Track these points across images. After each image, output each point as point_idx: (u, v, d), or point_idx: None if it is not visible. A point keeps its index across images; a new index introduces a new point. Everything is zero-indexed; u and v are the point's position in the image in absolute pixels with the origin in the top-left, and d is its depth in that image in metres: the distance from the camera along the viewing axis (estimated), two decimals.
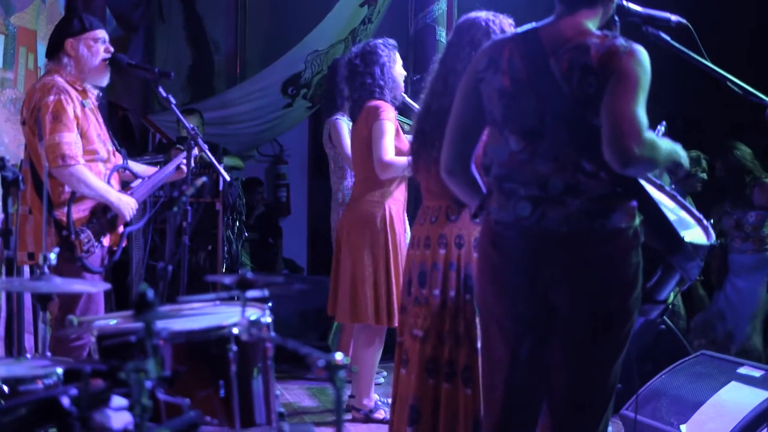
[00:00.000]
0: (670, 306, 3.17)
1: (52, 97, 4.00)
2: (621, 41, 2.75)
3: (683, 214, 3.27)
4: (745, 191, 6.23)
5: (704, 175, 6.41)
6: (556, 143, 2.78)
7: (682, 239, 2.88)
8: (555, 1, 2.90)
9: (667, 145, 2.78)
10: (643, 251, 2.86)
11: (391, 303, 4.69)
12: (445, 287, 3.81)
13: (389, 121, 4.66)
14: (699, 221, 3.28)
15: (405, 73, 4.89)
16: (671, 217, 3.13)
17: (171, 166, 4.43)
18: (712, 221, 3.33)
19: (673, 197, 3.30)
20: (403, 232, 4.81)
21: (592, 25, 2.84)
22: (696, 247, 2.96)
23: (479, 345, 3.70)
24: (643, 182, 3.02)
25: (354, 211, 4.87)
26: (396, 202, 4.80)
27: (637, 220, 2.81)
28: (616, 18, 2.90)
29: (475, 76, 2.95)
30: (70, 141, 4.00)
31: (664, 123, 3.30)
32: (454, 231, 3.83)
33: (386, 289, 4.72)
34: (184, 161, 4.40)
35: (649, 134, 2.66)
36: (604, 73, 2.70)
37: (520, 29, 2.99)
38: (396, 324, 4.60)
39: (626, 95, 2.66)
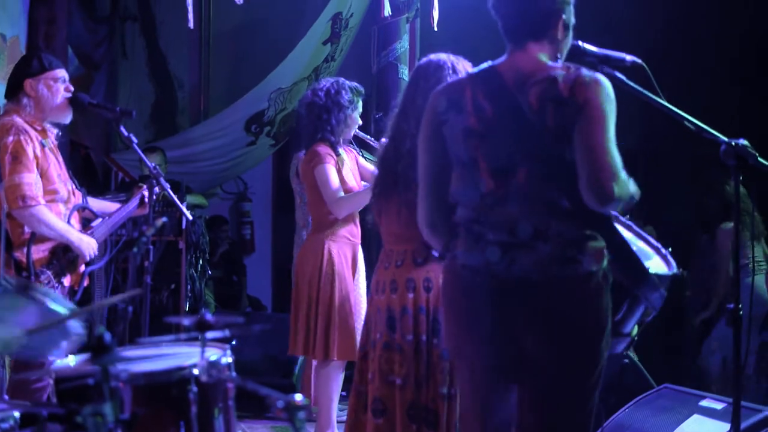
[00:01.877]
0: (635, 339, 3.17)
1: (11, 138, 3.98)
2: (584, 71, 2.77)
3: (641, 244, 3.29)
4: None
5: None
6: (528, 180, 2.76)
7: (647, 271, 2.89)
8: (504, 39, 2.94)
9: (632, 182, 2.79)
10: (613, 285, 2.87)
11: (329, 338, 4.73)
12: (417, 332, 3.82)
13: (330, 164, 4.77)
14: (657, 250, 3.28)
15: (360, 122, 4.96)
16: (634, 248, 3.16)
17: (131, 204, 4.42)
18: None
19: (629, 227, 3.32)
20: (346, 270, 4.83)
21: (544, 57, 2.86)
22: (660, 278, 2.97)
23: (444, 390, 3.74)
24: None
25: (303, 250, 5.01)
26: (339, 239, 4.84)
27: (605, 262, 2.80)
28: (559, 56, 2.93)
29: (435, 119, 2.93)
30: (30, 182, 3.98)
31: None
32: (421, 274, 3.84)
33: (319, 324, 4.75)
34: (147, 194, 4.39)
35: (624, 174, 2.69)
36: (575, 103, 2.71)
37: (475, 69, 3.02)
38: (334, 357, 4.66)
39: (598, 131, 2.68)
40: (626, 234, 3.24)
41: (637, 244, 3.25)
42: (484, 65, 2.95)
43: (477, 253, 2.83)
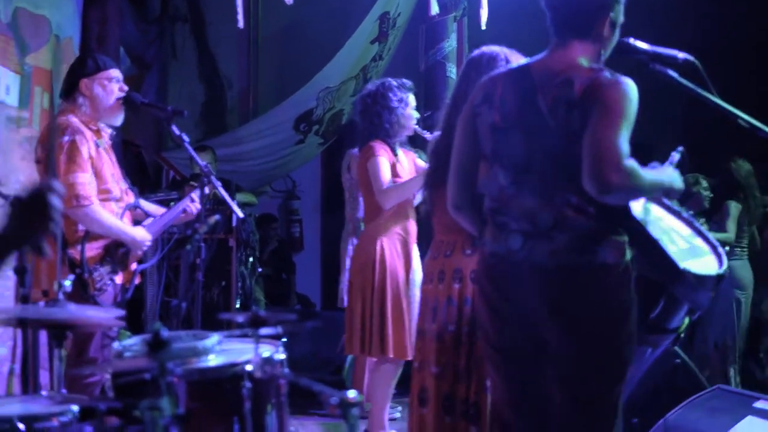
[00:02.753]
0: (681, 335, 3.15)
1: (66, 138, 4.05)
2: (605, 74, 2.78)
3: (698, 241, 3.25)
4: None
5: (708, 193, 6.44)
6: (542, 178, 2.82)
7: (681, 269, 2.87)
8: (550, 32, 2.94)
9: (652, 174, 2.81)
10: (646, 282, 2.86)
11: (385, 334, 4.73)
12: (460, 323, 3.83)
13: (382, 157, 4.75)
14: (713, 249, 3.26)
15: (417, 115, 4.95)
16: (682, 245, 3.13)
17: (182, 205, 4.46)
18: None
19: (689, 223, 3.29)
20: (399, 266, 4.83)
21: (584, 60, 2.86)
22: (699, 277, 2.95)
23: (489, 382, 3.74)
24: (652, 207, 3.03)
25: (357, 247, 5.05)
26: (392, 235, 4.84)
27: (628, 255, 2.81)
28: (603, 53, 2.92)
29: (472, 111, 3.01)
30: (84, 181, 4.04)
31: (680, 149, 3.27)
32: (469, 265, 3.85)
33: (374, 321, 4.75)
34: (189, 204, 4.43)
35: (630, 162, 2.68)
36: (586, 106, 2.73)
37: (514, 64, 3.04)
38: (390, 354, 4.67)
39: (606, 124, 2.69)
40: (684, 230, 3.21)
41: (692, 242, 3.21)
42: (522, 62, 2.98)
43: (501, 241, 2.91)
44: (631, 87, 2.76)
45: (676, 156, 3.23)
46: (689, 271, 2.89)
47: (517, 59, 3.82)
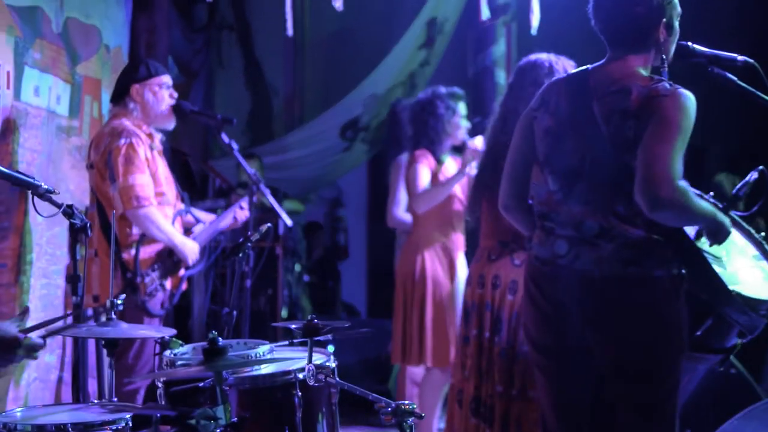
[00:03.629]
0: (729, 357, 3.07)
1: (123, 140, 4.07)
2: (665, 85, 2.75)
3: (763, 264, 3.17)
4: None
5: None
6: (592, 185, 2.80)
7: (729, 291, 2.81)
8: (605, 45, 2.91)
9: (706, 204, 2.77)
10: (696, 300, 2.81)
11: (424, 343, 4.74)
12: (481, 327, 3.89)
13: (422, 164, 4.75)
14: None
15: (467, 124, 4.94)
16: (741, 264, 3.06)
17: (231, 213, 4.46)
18: None
19: (759, 245, 3.21)
20: (441, 275, 4.82)
21: (642, 69, 2.83)
22: (749, 301, 2.87)
23: (499, 388, 3.79)
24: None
25: (399, 259, 5.11)
26: (434, 244, 4.84)
27: (675, 269, 2.76)
28: (664, 57, 2.87)
29: (529, 115, 3.01)
30: (143, 183, 4.06)
31: (761, 168, 3.15)
32: (492, 271, 3.95)
33: (414, 330, 4.76)
34: (238, 212, 4.43)
35: (683, 183, 2.64)
36: (643, 116, 2.70)
37: (573, 71, 3.01)
38: (429, 363, 4.67)
39: (663, 139, 2.65)
40: (751, 251, 3.14)
41: (759, 263, 3.14)
42: (582, 68, 2.95)
43: (548, 245, 2.90)
44: (689, 99, 2.72)
45: (754, 175, 3.14)
46: (739, 293, 2.83)
47: (565, 65, 3.82)
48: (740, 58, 3.02)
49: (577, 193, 2.83)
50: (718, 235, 2.83)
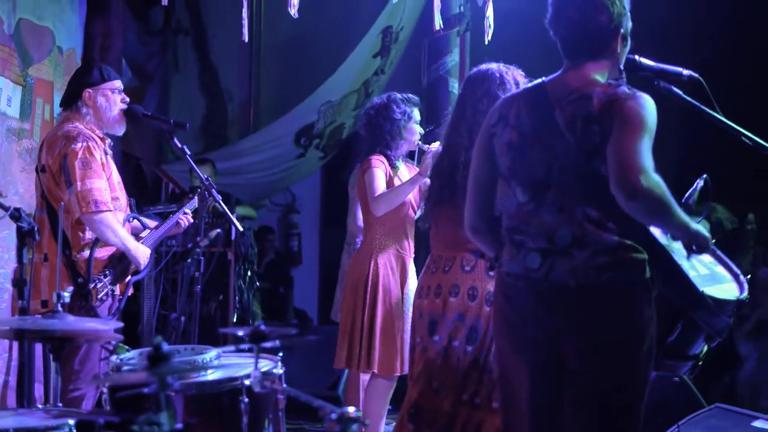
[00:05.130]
0: (699, 363, 3.11)
1: (80, 144, 4.03)
2: (623, 89, 2.78)
3: (719, 269, 3.22)
4: None
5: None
6: (562, 193, 2.81)
7: (701, 293, 2.85)
8: (562, 55, 2.95)
9: (680, 210, 2.75)
10: (665, 306, 2.84)
11: (371, 350, 4.71)
12: (451, 336, 3.87)
13: (378, 168, 4.75)
14: (736, 277, 3.22)
15: (421, 130, 4.95)
16: (703, 271, 3.11)
17: (174, 219, 4.44)
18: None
19: (713, 252, 3.26)
20: (393, 281, 4.82)
21: (599, 76, 2.87)
22: (719, 302, 2.92)
23: (466, 396, 3.79)
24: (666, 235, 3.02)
25: (351, 264, 5.06)
26: (387, 251, 4.83)
27: (648, 274, 2.79)
28: (622, 68, 2.93)
29: (488, 132, 3.01)
30: (101, 187, 4.03)
31: (705, 176, 3.20)
32: (467, 282, 3.89)
33: (363, 336, 4.74)
34: (182, 217, 4.42)
35: (657, 176, 2.65)
36: (606, 120, 2.73)
37: (529, 84, 3.04)
38: (375, 370, 4.66)
39: (631, 135, 2.68)
40: (705, 257, 3.19)
41: (714, 269, 3.20)
42: (538, 81, 2.98)
43: (519, 260, 2.89)
44: (649, 101, 2.75)
45: (699, 183, 3.18)
46: (709, 295, 2.87)
47: (515, 75, 3.86)
48: (686, 72, 3.07)
49: (548, 202, 2.83)
50: (698, 243, 2.84)
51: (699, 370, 3.17)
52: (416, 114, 4.94)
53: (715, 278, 3.13)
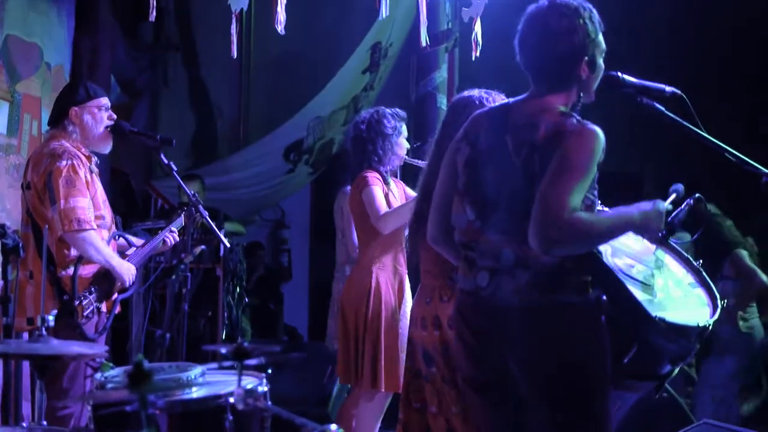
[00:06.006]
0: (664, 383, 3.09)
1: (64, 162, 4.03)
2: (572, 121, 2.77)
3: (698, 291, 3.20)
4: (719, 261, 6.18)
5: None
6: (507, 215, 2.82)
7: (651, 317, 2.82)
8: (530, 80, 2.95)
9: (610, 219, 2.77)
10: (620, 327, 2.82)
11: (377, 368, 4.69)
12: (450, 368, 3.87)
13: (377, 186, 4.72)
14: (713, 301, 3.18)
15: (408, 145, 4.93)
16: (675, 293, 3.10)
17: (161, 237, 4.44)
18: None
19: (698, 273, 3.25)
20: (393, 299, 4.80)
21: (560, 104, 2.85)
22: (674, 327, 2.88)
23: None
24: (661, 256, 3.01)
25: (349, 279, 4.95)
26: (386, 268, 4.81)
27: (593, 295, 2.79)
28: (581, 95, 2.92)
29: (453, 146, 3.05)
30: (84, 206, 4.03)
31: (697, 196, 3.20)
32: (446, 311, 3.89)
33: (366, 355, 4.71)
34: (168, 235, 4.42)
35: (573, 216, 2.63)
36: (547, 151, 2.73)
37: (498, 104, 3.06)
38: (381, 388, 4.63)
39: (560, 177, 2.68)
40: (686, 278, 3.18)
41: (691, 291, 3.18)
42: (505, 102, 3.01)
43: (470, 278, 2.92)
44: (596, 137, 2.73)
45: (672, 195, 3.18)
46: (663, 319, 2.85)
47: (496, 100, 3.87)
48: (668, 89, 3.08)
49: (493, 222, 2.85)
50: (649, 230, 2.85)
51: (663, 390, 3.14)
52: (404, 129, 4.94)
53: (685, 302, 3.12)
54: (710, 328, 3.02)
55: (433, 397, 3.93)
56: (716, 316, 3.08)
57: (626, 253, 3.10)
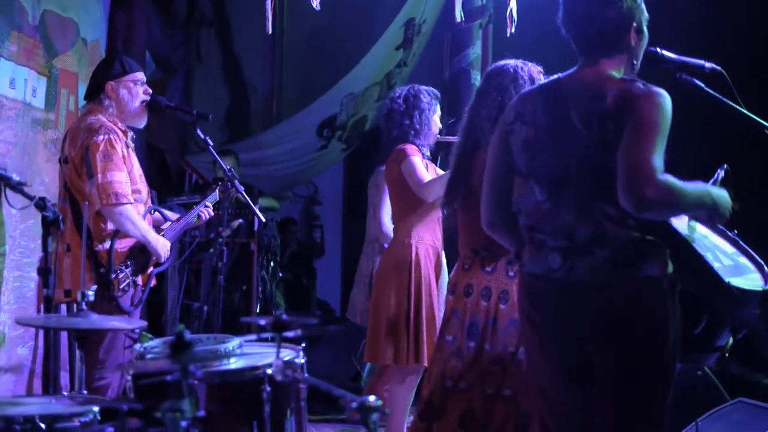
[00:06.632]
0: (726, 354, 3.09)
1: (101, 137, 4.06)
2: (638, 85, 2.76)
3: (742, 260, 3.19)
4: None
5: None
6: (579, 191, 2.80)
7: (726, 284, 2.82)
8: (577, 53, 2.94)
9: (695, 190, 2.75)
10: (690, 299, 2.82)
11: (419, 343, 4.68)
12: (455, 335, 3.89)
13: (416, 156, 4.71)
14: (760, 267, 3.18)
15: (441, 125, 4.93)
16: (726, 262, 3.09)
17: (195, 211, 4.47)
18: None
19: (735, 243, 3.25)
20: (432, 274, 4.80)
21: (615, 72, 2.86)
22: (745, 293, 2.89)
23: (490, 390, 3.80)
24: (697, 225, 3.00)
25: (387, 254, 4.92)
26: (425, 243, 4.81)
27: (671, 269, 2.78)
28: (635, 62, 2.91)
29: (504, 129, 3.01)
30: (122, 180, 4.06)
31: (725, 167, 3.18)
32: (464, 280, 3.94)
33: (410, 330, 4.70)
34: (203, 210, 4.44)
35: (666, 178, 2.64)
36: (620, 118, 2.71)
37: (545, 80, 3.03)
38: (425, 363, 4.62)
39: (641, 139, 2.67)
40: (728, 248, 3.17)
41: (737, 260, 3.17)
42: (554, 77, 2.97)
43: (540, 260, 2.88)
44: (664, 98, 2.73)
45: (720, 174, 3.16)
46: (733, 286, 2.85)
47: (532, 71, 3.87)
48: (708, 65, 3.06)
49: (565, 200, 2.82)
50: (717, 215, 2.84)
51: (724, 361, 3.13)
52: (438, 108, 4.93)
53: (739, 269, 3.11)
54: None
55: (467, 373, 3.92)
56: None
57: None
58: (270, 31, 5.02)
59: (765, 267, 3.16)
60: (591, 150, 2.76)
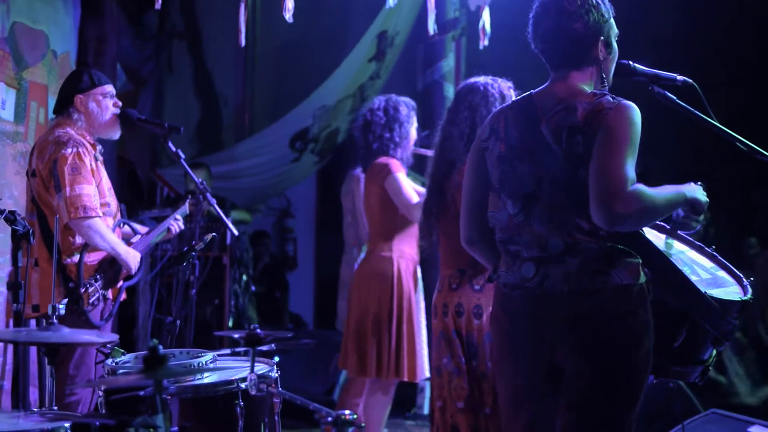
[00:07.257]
0: (709, 367, 3.08)
1: (70, 150, 4.03)
2: (608, 98, 2.80)
3: (721, 273, 3.20)
4: None
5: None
6: (551, 205, 2.82)
7: (704, 294, 2.84)
8: (548, 68, 2.96)
9: (667, 195, 2.78)
10: (667, 311, 2.83)
11: (400, 358, 4.67)
12: (456, 355, 3.89)
13: (401, 173, 4.70)
14: (738, 280, 3.19)
15: (416, 136, 4.93)
16: (704, 276, 3.10)
17: (165, 225, 4.43)
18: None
19: (713, 257, 3.27)
20: (413, 288, 4.80)
21: (586, 86, 2.89)
22: (723, 303, 2.90)
23: (487, 410, 3.79)
24: (674, 242, 3.01)
25: (365, 267, 4.89)
26: (405, 257, 4.80)
27: (643, 278, 2.80)
28: (604, 77, 2.93)
29: (480, 146, 3.04)
30: (90, 193, 4.03)
31: (699, 184, 3.20)
32: (454, 299, 3.94)
33: (392, 345, 4.68)
34: (173, 223, 4.41)
35: (635, 188, 2.66)
36: (590, 131, 2.74)
37: (518, 97, 3.06)
38: (404, 377, 4.61)
39: (611, 151, 2.69)
40: (706, 263, 3.19)
41: (716, 273, 3.18)
42: (526, 93, 2.99)
43: (515, 270, 2.91)
44: (634, 111, 2.76)
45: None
46: (712, 296, 2.86)
47: (503, 87, 3.90)
48: (680, 77, 3.07)
49: (537, 214, 2.85)
50: (697, 207, 2.89)
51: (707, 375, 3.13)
52: (414, 120, 4.93)
53: (717, 282, 3.12)
54: (750, 302, 3.03)
55: (441, 391, 3.94)
56: (750, 294, 3.08)
57: None
58: (243, 44, 5.01)
59: (744, 279, 3.18)
60: (562, 164, 2.79)
